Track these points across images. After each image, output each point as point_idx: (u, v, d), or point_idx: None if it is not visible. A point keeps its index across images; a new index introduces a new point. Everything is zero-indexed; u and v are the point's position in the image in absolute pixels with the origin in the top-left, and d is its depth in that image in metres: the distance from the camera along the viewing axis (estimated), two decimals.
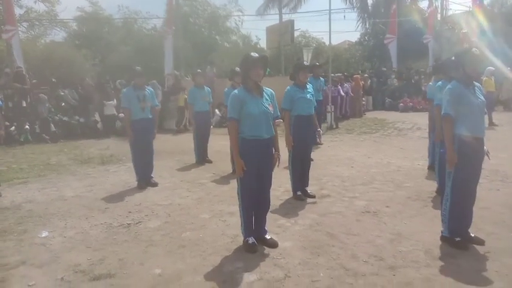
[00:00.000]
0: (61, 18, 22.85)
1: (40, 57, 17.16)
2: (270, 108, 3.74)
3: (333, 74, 13.97)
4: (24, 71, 12.88)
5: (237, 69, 6.22)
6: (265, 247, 3.80)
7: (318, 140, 8.85)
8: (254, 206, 3.79)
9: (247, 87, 3.70)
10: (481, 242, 3.72)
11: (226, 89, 6.93)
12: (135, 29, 23.65)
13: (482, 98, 3.67)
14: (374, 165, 7.36)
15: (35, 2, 20.96)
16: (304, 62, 5.93)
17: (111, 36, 22.29)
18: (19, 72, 12.54)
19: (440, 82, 5.08)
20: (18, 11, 19.62)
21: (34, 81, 13.30)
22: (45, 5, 21.65)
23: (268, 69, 4.44)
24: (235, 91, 3.76)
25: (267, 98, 3.78)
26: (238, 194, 3.80)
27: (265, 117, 3.69)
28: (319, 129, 6.05)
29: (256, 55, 3.73)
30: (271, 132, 3.77)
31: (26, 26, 21.52)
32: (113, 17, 23.76)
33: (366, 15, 27.42)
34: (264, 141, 3.72)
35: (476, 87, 3.69)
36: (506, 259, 3.46)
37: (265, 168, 3.78)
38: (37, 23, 22.05)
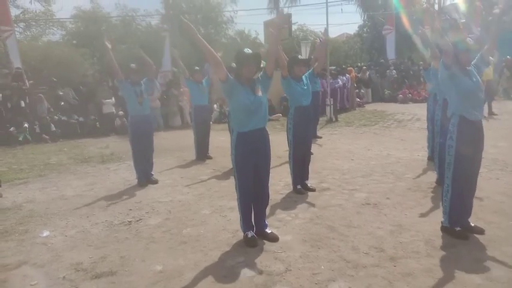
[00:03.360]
0: (58, 18, 22.73)
1: (38, 57, 17.11)
2: (261, 94, 3.70)
3: (331, 67, 13.97)
4: (22, 72, 12.86)
5: (233, 65, 6.20)
6: (265, 241, 3.81)
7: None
8: (252, 200, 3.80)
9: (239, 81, 3.69)
10: (481, 231, 3.73)
11: None
12: (133, 27, 23.53)
13: (477, 77, 3.66)
14: (374, 157, 7.36)
15: (30, 2, 20.84)
16: (299, 56, 5.89)
17: (109, 34, 22.20)
18: (17, 73, 12.53)
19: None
20: (14, 12, 19.53)
21: (31, 81, 13.26)
22: (42, 4, 21.53)
23: (265, 63, 4.42)
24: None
25: (258, 86, 3.74)
26: (236, 189, 3.81)
27: (259, 107, 3.66)
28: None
29: (249, 52, 3.70)
30: (265, 121, 3.77)
31: (22, 27, 21.41)
32: (111, 15, 23.61)
33: (363, 7, 27.25)
34: (259, 132, 3.72)
35: (470, 72, 3.68)
36: (506, 248, 3.47)
37: (262, 162, 3.79)
38: (34, 23, 21.92)
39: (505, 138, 8.15)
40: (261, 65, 3.93)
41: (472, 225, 3.80)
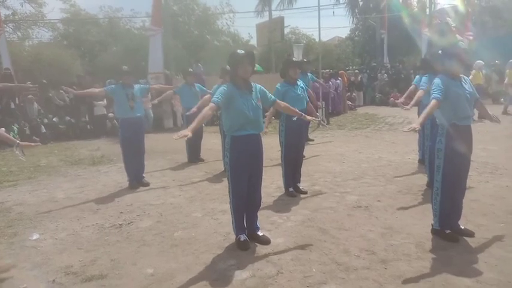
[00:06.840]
0: (49, 19, 22.58)
1: (28, 58, 16.96)
2: (259, 103, 3.74)
3: (322, 70, 14.05)
4: (12, 73, 12.73)
5: (228, 67, 6.21)
6: (257, 244, 3.80)
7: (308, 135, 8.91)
8: (245, 204, 3.79)
9: (236, 84, 3.69)
10: (470, 234, 3.77)
11: (216, 86, 6.88)
12: (124, 29, 23.42)
13: (469, 89, 3.69)
14: (365, 160, 7.40)
15: (22, 5, 20.71)
16: (293, 59, 5.92)
17: (100, 36, 22.07)
18: (7, 74, 12.39)
19: (425, 77, 5.24)
20: (4, 12, 19.36)
21: (28, 82, 13.13)
22: (32, 5, 21.39)
23: (259, 66, 4.45)
24: (224, 86, 3.74)
25: (256, 93, 3.77)
26: (229, 192, 3.79)
27: (255, 113, 3.67)
28: (318, 114, 6.03)
29: (243, 52, 3.71)
30: (260, 128, 3.78)
31: (12, 28, 21.23)
32: (98, 17, 23.47)
33: (356, 10, 27.45)
34: (254, 137, 3.73)
35: (462, 79, 3.72)
36: (496, 250, 3.50)
37: (255, 166, 3.78)
38: (24, 24, 21.76)
39: (495, 142, 8.25)
40: (255, 67, 3.94)
41: (462, 227, 3.84)
